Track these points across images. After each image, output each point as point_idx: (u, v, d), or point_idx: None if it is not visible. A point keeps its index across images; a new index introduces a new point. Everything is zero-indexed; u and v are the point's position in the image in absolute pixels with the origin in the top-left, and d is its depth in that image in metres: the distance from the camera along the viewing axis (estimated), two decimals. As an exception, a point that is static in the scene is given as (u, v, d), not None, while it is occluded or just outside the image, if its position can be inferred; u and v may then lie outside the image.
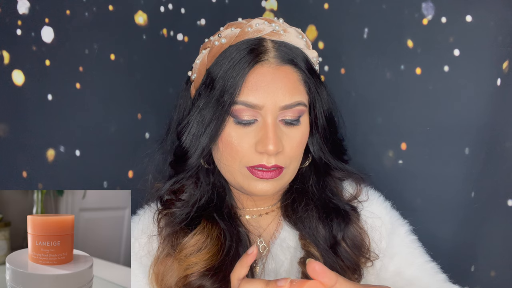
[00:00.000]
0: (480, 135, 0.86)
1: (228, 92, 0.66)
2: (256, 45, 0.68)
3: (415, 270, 0.73)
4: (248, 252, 0.53)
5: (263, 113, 0.66)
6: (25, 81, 0.82)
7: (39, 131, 0.85)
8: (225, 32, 0.70)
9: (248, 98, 0.65)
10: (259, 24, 0.70)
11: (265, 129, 0.65)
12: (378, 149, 0.93)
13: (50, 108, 0.86)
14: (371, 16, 0.91)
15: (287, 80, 0.67)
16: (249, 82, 0.66)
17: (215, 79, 0.68)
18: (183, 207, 0.73)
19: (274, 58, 0.67)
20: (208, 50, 0.71)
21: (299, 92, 0.68)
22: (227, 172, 0.70)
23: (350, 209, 0.74)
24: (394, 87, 0.91)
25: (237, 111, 0.66)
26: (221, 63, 0.68)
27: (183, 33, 0.99)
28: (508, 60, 0.83)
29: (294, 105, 0.67)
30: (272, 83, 0.66)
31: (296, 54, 0.69)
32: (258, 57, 0.67)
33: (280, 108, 0.66)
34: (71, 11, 0.87)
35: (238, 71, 0.66)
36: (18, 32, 0.81)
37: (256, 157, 0.67)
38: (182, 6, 0.99)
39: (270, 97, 0.65)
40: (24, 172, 0.83)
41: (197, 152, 0.69)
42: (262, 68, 0.67)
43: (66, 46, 0.86)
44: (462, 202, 0.88)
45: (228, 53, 0.68)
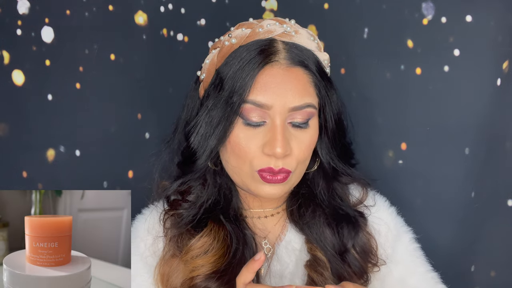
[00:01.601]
0: (480, 135, 0.86)
1: (237, 92, 0.65)
2: (266, 46, 0.67)
3: (417, 280, 0.73)
4: (255, 258, 0.52)
5: (271, 114, 0.65)
6: (25, 81, 0.82)
7: (39, 131, 0.85)
8: (235, 32, 0.70)
9: (257, 98, 0.65)
10: (270, 25, 0.69)
11: (274, 131, 0.65)
12: (378, 149, 0.93)
13: (50, 108, 0.86)
14: (371, 16, 0.91)
15: (297, 82, 0.66)
16: (259, 83, 0.65)
17: (224, 80, 0.67)
18: (190, 208, 0.72)
19: (285, 59, 0.67)
20: (218, 50, 0.70)
21: (308, 94, 0.67)
22: (235, 174, 0.70)
23: (359, 215, 0.74)
24: (394, 87, 0.90)
25: (246, 111, 0.65)
26: (231, 63, 0.67)
27: (183, 33, 0.99)
28: (508, 60, 0.83)
29: (304, 107, 0.66)
30: (282, 84, 0.65)
31: (307, 56, 0.68)
32: (269, 57, 0.66)
33: (289, 110, 0.65)
34: (71, 11, 0.87)
35: (248, 72, 0.65)
36: (18, 32, 0.81)
37: (263, 160, 0.66)
38: (182, 6, 0.99)
39: (279, 98, 0.65)
40: (24, 172, 0.83)
41: (206, 154, 0.68)
42: (272, 70, 0.66)
43: (66, 46, 0.87)
44: (462, 202, 0.88)
45: (238, 53, 0.67)
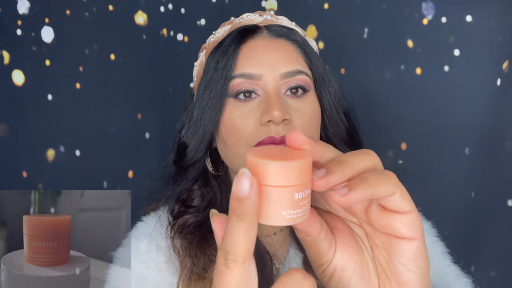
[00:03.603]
0: (480, 135, 0.86)
1: (223, 70, 0.61)
2: (248, 27, 0.64)
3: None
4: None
5: (263, 84, 0.60)
6: (25, 81, 0.82)
7: (39, 131, 0.85)
8: (219, 30, 0.69)
9: (244, 70, 0.60)
10: (250, 15, 0.68)
11: (268, 99, 0.59)
12: (378, 149, 0.92)
13: (50, 108, 0.86)
14: (371, 16, 0.91)
15: (284, 50, 0.62)
16: (243, 55, 0.61)
17: (210, 67, 0.63)
18: (196, 212, 0.65)
19: (267, 33, 0.64)
20: (205, 50, 0.69)
21: (298, 62, 0.62)
22: (235, 161, 0.62)
23: None
24: (394, 87, 0.90)
25: (236, 87, 0.60)
26: (216, 51, 0.64)
27: (183, 33, 0.99)
28: (508, 60, 0.83)
29: (296, 72, 0.60)
30: (268, 53, 0.61)
31: (291, 32, 0.65)
32: (250, 33, 0.63)
33: (281, 77, 0.60)
34: (71, 11, 0.87)
35: (231, 48, 0.61)
36: (18, 32, 0.81)
37: (263, 131, 0.58)
38: (182, 6, 0.99)
39: (267, 65, 0.60)
40: (24, 172, 0.83)
41: (198, 136, 0.63)
42: (256, 42, 0.62)
43: (66, 46, 0.87)
44: (462, 202, 0.88)
45: (220, 42, 0.64)
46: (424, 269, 0.32)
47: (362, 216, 0.34)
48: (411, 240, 0.32)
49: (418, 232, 0.31)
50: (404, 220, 0.31)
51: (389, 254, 0.33)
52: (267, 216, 0.29)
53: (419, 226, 0.32)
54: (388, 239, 0.33)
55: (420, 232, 0.32)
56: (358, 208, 0.34)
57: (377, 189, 0.30)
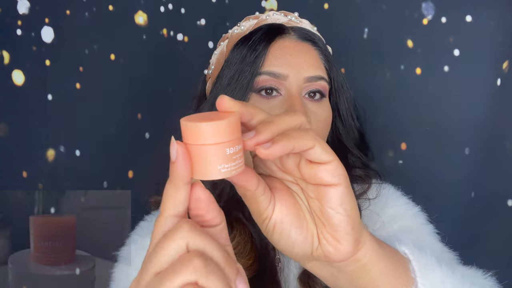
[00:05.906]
0: (480, 135, 0.86)
1: (252, 65, 0.62)
2: (275, 25, 0.66)
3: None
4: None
5: (287, 85, 0.62)
6: (25, 81, 0.82)
7: (39, 131, 0.85)
8: (243, 23, 0.70)
9: (272, 68, 0.62)
10: (276, 14, 0.70)
11: (291, 100, 0.61)
12: (378, 149, 0.93)
13: (50, 108, 0.86)
14: (371, 16, 0.91)
15: (309, 55, 0.65)
16: (272, 53, 0.63)
17: (235, 61, 0.64)
18: None
19: (295, 35, 0.66)
20: (227, 40, 0.69)
21: (320, 68, 0.65)
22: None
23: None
24: (394, 87, 0.91)
25: (261, 83, 0.62)
26: (242, 45, 0.65)
27: (183, 33, 0.99)
28: (508, 60, 0.83)
29: (318, 78, 0.63)
30: (296, 55, 0.63)
31: (314, 36, 0.68)
32: (279, 32, 0.65)
33: (305, 80, 0.62)
34: (71, 11, 0.87)
35: (260, 44, 0.63)
36: (18, 32, 0.81)
37: None
38: (182, 6, 0.99)
39: (294, 68, 0.62)
40: (24, 172, 0.83)
41: None
42: (284, 42, 0.65)
43: (66, 46, 0.87)
44: (462, 202, 0.88)
45: (247, 36, 0.66)
46: (351, 211, 0.37)
47: (296, 173, 0.38)
48: (336, 186, 0.36)
49: (341, 178, 0.36)
50: (327, 169, 0.36)
51: (320, 201, 0.37)
52: (205, 172, 0.33)
53: (341, 173, 0.36)
54: (318, 189, 0.37)
55: (344, 178, 0.36)
56: (291, 166, 0.38)
57: (297, 142, 0.34)
